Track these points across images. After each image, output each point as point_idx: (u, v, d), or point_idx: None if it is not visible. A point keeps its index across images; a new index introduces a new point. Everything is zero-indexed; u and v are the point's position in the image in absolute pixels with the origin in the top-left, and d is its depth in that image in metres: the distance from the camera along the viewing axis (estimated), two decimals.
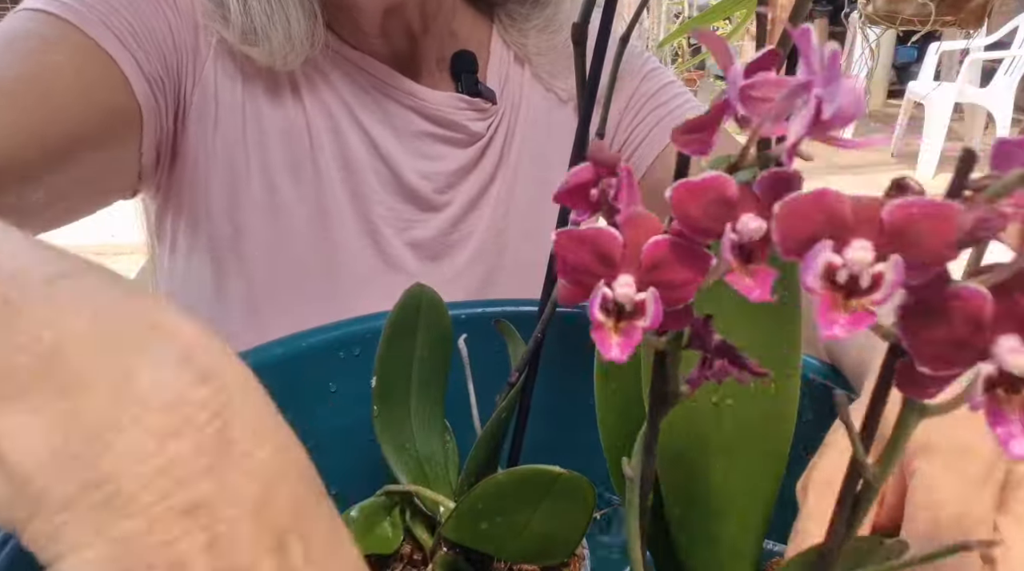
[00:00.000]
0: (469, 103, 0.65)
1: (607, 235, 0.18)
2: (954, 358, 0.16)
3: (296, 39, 0.57)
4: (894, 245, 0.16)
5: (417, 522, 0.40)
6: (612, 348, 0.18)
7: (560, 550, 0.37)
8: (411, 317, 0.40)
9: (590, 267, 0.18)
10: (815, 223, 0.16)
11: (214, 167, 0.61)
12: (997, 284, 0.16)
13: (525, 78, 0.69)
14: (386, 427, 0.40)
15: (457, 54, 0.66)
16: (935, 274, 0.16)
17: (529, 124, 0.68)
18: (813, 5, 0.20)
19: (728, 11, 0.38)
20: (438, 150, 0.65)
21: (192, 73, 0.59)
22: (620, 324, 0.18)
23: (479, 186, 0.66)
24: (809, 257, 0.16)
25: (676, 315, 0.19)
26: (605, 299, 0.18)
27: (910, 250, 0.16)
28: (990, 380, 0.16)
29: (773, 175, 0.17)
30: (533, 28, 0.67)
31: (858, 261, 0.16)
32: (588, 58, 0.33)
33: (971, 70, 4.24)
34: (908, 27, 1.77)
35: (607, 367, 0.37)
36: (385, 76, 0.63)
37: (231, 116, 0.60)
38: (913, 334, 0.16)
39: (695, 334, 0.22)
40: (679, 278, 0.18)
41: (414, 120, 0.64)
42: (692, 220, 0.17)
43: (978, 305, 0.16)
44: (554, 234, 0.18)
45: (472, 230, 0.66)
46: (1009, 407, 0.16)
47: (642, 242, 0.18)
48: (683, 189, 0.17)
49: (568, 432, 0.45)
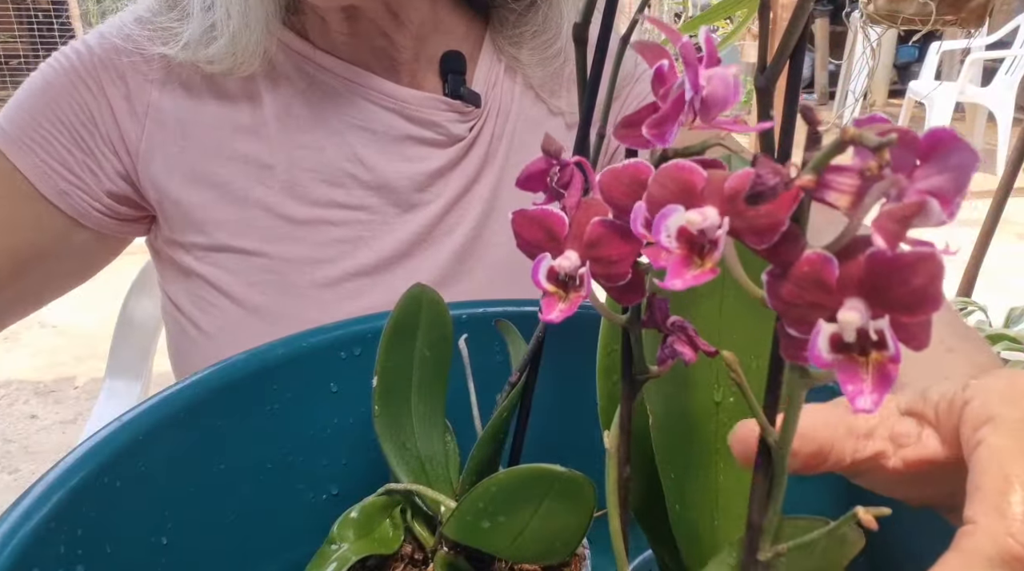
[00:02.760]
0: (449, 105, 0.64)
1: (553, 215, 0.21)
2: (812, 320, 0.17)
3: (256, 33, 0.57)
4: (731, 211, 0.18)
5: (418, 522, 0.40)
6: (554, 312, 0.20)
7: (561, 549, 0.37)
8: (412, 317, 0.40)
9: (541, 242, 0.21)
10: (670, 191, 0.19)
11: (184, 186, 0.61)
12: (841, 249, 0.17)
13: (517, 84, 0.69)
14: (387, 427, 0.40)
15: (447, 54, 0.65)
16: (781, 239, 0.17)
17: (518, 129, 0.68)
18: (814, 4, 0.20)
19: (729, 10, 0.38)
20: (418, 150, 0.64)
21: (131, 126, 0.60)
22: (569, 294, 0.21)
23: (461, 185, 0.65)
24: (659, 218, 0.18)
25: (626, 291, 0.21)
26: (551, 270, 0.21)
27: (742, 216, 0.18)
28: (837, 340, 0.17)
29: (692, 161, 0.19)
30: (525, 34, 0.67)
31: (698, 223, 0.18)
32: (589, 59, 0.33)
33: (972, 69, 4.24)
34: (909, 26, 1.76)
35: (609, 363, 0.37)
36: (360, 78, 0.62)
37: (193, 137, 0.61)
38: (777, 297, 0.18)
39: (649, 311, 0.24)
40: (614, 253, 0.20)
41: (392, 121, 0.63)
42: (615, 200, 0.20)
43: (822, 268, 0.17)
44: (511, 214, 0.21)
45: (453, 228, 0.65)
46: (861, 367, 0.17)
47: (586, 223, 0.21)
48: (609, 174, 0.20)
49: (569, 432, 0.45)
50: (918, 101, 4.19)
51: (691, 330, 0.24)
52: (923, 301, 0.16)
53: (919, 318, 0.16)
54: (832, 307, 0.17)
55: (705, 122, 0.19)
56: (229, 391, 0.42)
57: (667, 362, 0.24)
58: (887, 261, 0.16)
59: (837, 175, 0.17)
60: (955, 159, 0.16)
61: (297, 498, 0.45)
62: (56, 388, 2.48)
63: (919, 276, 0.16)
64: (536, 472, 0.32)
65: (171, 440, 0.39)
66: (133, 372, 1.03)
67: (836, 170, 0.17)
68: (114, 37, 0.60)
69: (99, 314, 2.85)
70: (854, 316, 0.17)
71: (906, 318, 0.16)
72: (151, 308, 1.03)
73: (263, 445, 0.43)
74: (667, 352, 0.24)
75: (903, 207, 0.16)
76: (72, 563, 0.33)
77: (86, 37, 0.61)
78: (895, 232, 0.16)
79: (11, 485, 2.00)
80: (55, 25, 5.64)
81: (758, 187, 0.17)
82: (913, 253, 0.16)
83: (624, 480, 0.28)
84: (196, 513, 0.40)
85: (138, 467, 0.37)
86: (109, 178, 0.60)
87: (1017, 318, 1.44)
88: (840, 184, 0.17)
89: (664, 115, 0.19)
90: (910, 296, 0.16)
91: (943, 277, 0.16)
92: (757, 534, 0.24)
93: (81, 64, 0.59)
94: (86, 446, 0.35)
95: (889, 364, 0.17)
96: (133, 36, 0.59)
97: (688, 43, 0.19)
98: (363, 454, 0.45)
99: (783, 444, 0.22)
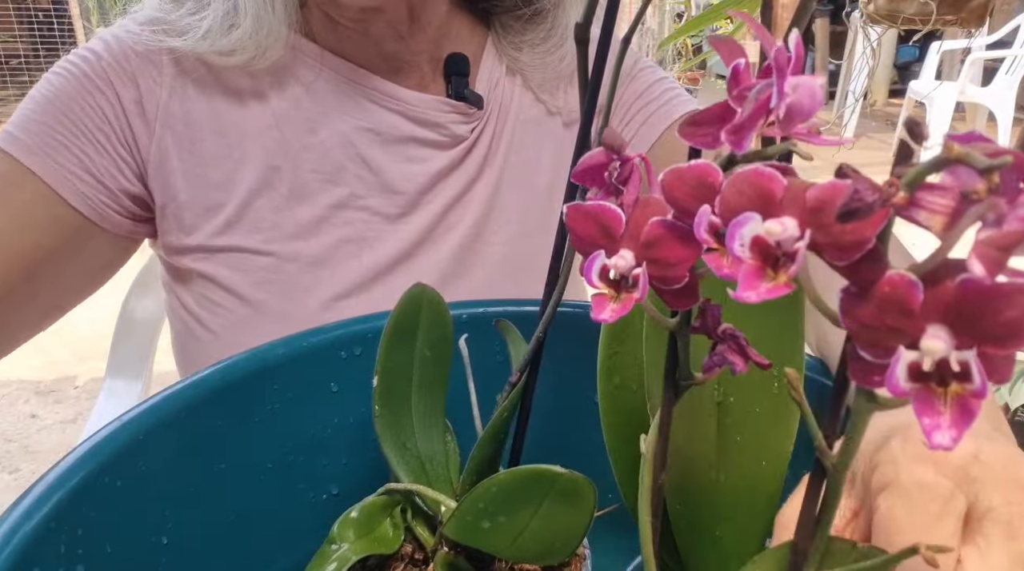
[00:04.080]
0: (453, 107, 0.65)
1: (610, 212, 0.20)
2: (891, 344, 0.16)
3: (279, 13, 0.58)
4: (813, 224, 0.17)
5: (418, 521, 0.40)
6: (606, 310, 0.20)
7: (561, 550, 0.37)
8: (412, 317, 0.40)
9: (595, 239, 0.20)
10: (747, 198, 0.17)
11: (191, 187, 0.61)
12: (928, 272, 0.16)
13: (516, 85, 0.69)
14: (387, 427, 0.40)
15: (451, 56, 0.66)
16: (863, 257, 0.16)
17: (517, 129, 0.68)
18: (814, 4, 0.20)
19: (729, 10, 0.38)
20: (421, 152, 0.65)
21: (142, 128, 0.60)
22: (620, 294, 0.20)
23: (462, 185, 0.66)
24: (734, 226, 0.17)
25: (679, 295, 0.20)
26: (604, 268, 0.20)
27: (824, 229, 0.17)
28: (916, 368, 0.16)
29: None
30: (527, 43, 0.68)
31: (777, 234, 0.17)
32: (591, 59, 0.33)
33: (972, 69, 4.24)
34: (909, 26, 1.76)
35: (610, 364, 0.37)
36: (365, 80, 0.63)
37: (202, 140, 0.61)
38: (852, 318, 0.17)
39: (701, 317, 0.23)
40: (672, 256, 0.19)
41: (397, 122, 0.64)
42: (678, 201, 0.19)
43: (906, 291, 0.16)
44: (565, 208, 0.20)
45: (453, 227, 0.66)
46: (939, 399, 0.16)
47: (644, 223, 0.20)
48: (672, 174, 0.19)
49: (570, 432, 0.45)
50: (918, 101, 4.19)
51: (743, 339, 0.23)
52: (1015, 334, 0.15)
53: (1006, 351, 0.16)
54: (912, 333, 0.16)
55: (784, 131, 0.18)
56: (229, 391, 0.42)
57: (714, 370, 0.23)
58: (982, 290, 0.15)
59: (930, 194, 0.16)
60: None
61: (297, 498, 0.45)
62: (56, 388, 2.48)
63: (1014, 308, 0.15)
64: (536, 472, 0.32)
65: (171, 440, 0.39)
66: (133, 372, 1.03)
67: (929, 189, 0.16)
68: (122, 41, 0.60)
69: (99, 314, 2.85)
70: (939, 345, 0.16)
71: (992, 350, 0.16)
72: (151, 307, 1.03)
73: (263, 445, 0.43)
74: (716, 360, 0.23)
75: (1008, 234, 0.15)
76: (72, 563, 0.33)
77: (92, 43, 0.61)
78: (996, 259, 0.15)
79: (11, 485, 2.00)
80: (55, 25, 5.63)
81: (854, 203, 0.16)
82: (1011, 284, 0.15)
83: (659, 486, 0.27)
84: (196, 513, 0.40)
85: (138, 467, 0.37)
86: (126, 178, 0.60)
87: None
88: (933, 204, 0.16)
89: (744, 121, 0.18)
90: (1001, 328, 0.15)
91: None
92: (802, 559, 0.23)
93: (91, 69, 0.59)
94: (86, 446, 0.35)
95: (972, 398, 0.16)
96: (142, 38, 0.60)
97: (782, 48, 0.18)
98: (363, 454, 0.45)
99: (841, 468, 0.21)
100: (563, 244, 0.36)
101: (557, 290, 0.36)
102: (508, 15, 0.69)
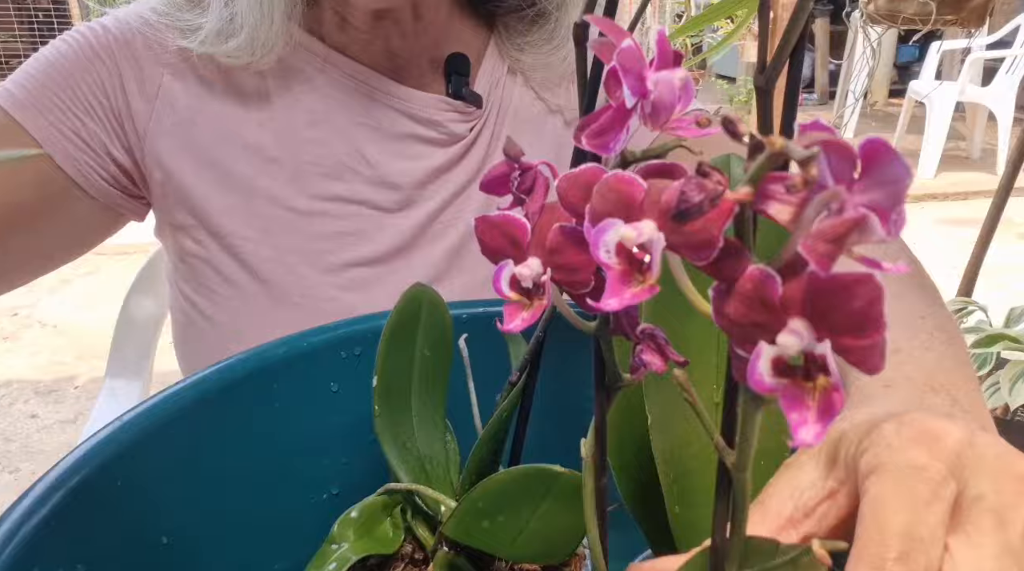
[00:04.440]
0: (451, 105, 0.66)
1: (515, 221, 0.20)
2: (757, 340, 0.16)
3: (277, 25, 0.58)
4: (669, 226, 0.17)
5: (418, 521, 0.40)
6: (515, 321, 0.19)
7: (561, 549, 0.37)
8: (412, 317, 0.40)
9: (504, 249, 0.20)
10: (611, 203, 0.18)
11: (190, 171, 0.62)
12: (783, 266, 0.16)
13: (517, 85, 0.70)
14: (387, 426, 0.40)
15: (452, 56, 0.67)
16: (723, 254, 0.16)
17: (516, 128, 0.69)
18: (814, 4, 0.20)
19: (729, 10, 0.38)
20: (420, 149, 0.66)
21: (141, 106, 0.61)
22: (533, 302, 0.20)
23: (460, 183, 0.67)
24: (597, 233, 0.17)
25: (591, 298, 0.20)
26: (512, 278, 0.20)
27: (677, 231, 0.17)
28: (781, 363, 0.16)
29: (649, 167, 0.18)
30: (530, 44, 0.68)
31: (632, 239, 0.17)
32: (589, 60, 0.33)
33: (972, 69, 4.24)
34: (909, 26, 1.76)
35: None
36: (367, 78, 0.64)
37: (202, 124, 0.62)
38: (721, 315, 0.17)
39: (617, 319, 0.23)
40: (575, 261, 0.19)
41: (396, 120, 0.65)
42: (574, 206, 0.19)
43: (763, 286, 0.16)
44: (473, 220, 0.20)
45: (450, 225, 0.67)
46: (807, 394, 0.16)
47: (549, 229, 0.20)
48: (566, 179, 0.19)
49: (569, 432, 0.45)
50: (918, 101, 4.19)
51: (661, 338, 0.22)
52: (865, 324, 0.15)
53: (866, 341, 0.15)
54: (776, 328, 0.16)
55: (656, 127, 0.18)
56: (229, 391, 0.42)
57: (640, 370, 0.23)
58: (823, 283, 0.15)
59: (777, 186, 0.16)
60: (890, 172, 0.15)
61: (297, 498, 0.45)
62: (56, 388, 2.48)
63: (857, 298, 0.15)
64: (536, 472, 0.32)
65: (171, 440, 0.39)
66: (133, 372, 1.03)
67: (776, 180, 0.16)
68: (131, 20, 0.61)
69: (99, 314, 2.85)
70: (793, 340, 0.16)
71: (852, 341, 0.15)
72: (151, 308, 1.03)
73: (263, 445, 0.43)
74: (637, 361, 0.23)
75: (836, 224, 0.15)
76: (72, 562, 0.33)
77: (102, 19, 0.63)
78: (828, 252, 0.15)
79: (11, 485, 2.01)
80: (55, 25, 5.64)
81: (683, 204, 0.16)
82: (850, 274, 0.15)
83: (601, 489, 0.27)
84: (196, 513, 0.40)
85: (138, 467, 0.37)
86: (115, 147, 0.61)
87: (1017, 318, 1.44)
88: (781, 196, 0.16)
89: (606, 124, 0.18)
90: (851, 318, 0.15)
91: (883, 299, 0.15)
92: (721, 559, 0.23)
93: (97, 42, 0.60)
94: (86, 446, 0.35)
95: (833, 392, 0.16)
96: (151, 22, 0.61)
97: (627, 48, 0.18)
98: (363, 454, 0.45)
99: (740, 467, 0.21)
100: None
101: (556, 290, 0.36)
102: (511, 16, 0.69)
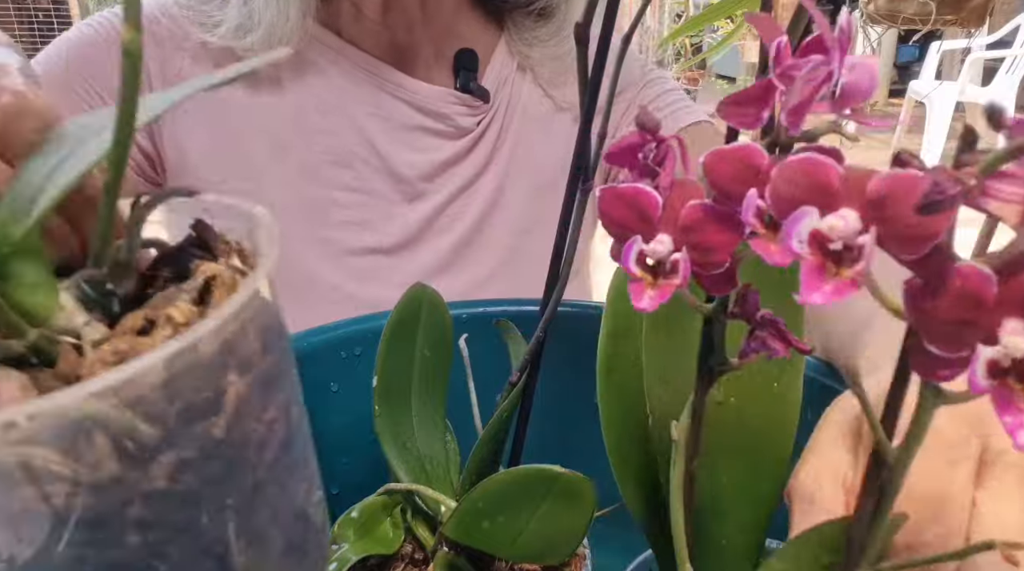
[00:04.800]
0: (460, 99, 0.66)
1: (646, 195, 0.19)
2: (961, 338, 0.16)
3: (292, 22, 0.59)
4: (876, 216, 0.16)
5: (418, 521, 0.40)
6: (644, 298, 0.18)
7: (561, 549, 0.37)
8: (412, 317, 0.40)
9: (631, 223, 0.19)
10: (802, 188, 0.16)
11: (203, 154, 0.63)
12: (1001, 264, 0.15)
13: (526, 82, 0.70)
14: (387, 426, 0.40)
15: (461, 51, 0.67)
16: (931, 249, 0.15)
17: (525, 125, 0.70)
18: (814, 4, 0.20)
19: (729, 10, 0.38)
20: (427, 141, 0.66)
21: (160, 86, 0.61)
22: (658, 280, 0.19)
23: (467, 177, 0.67)
24: (792, 221, 0.16)
25: (718, 280, 0.19)
26: (641, 254, 0.19)
27: (890, 222, 0.16)
28: (994, 364, 0.15)
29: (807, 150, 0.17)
30: (538, 39, 0.69)
31: (839, 229, 0.16)
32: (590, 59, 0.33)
33: (972, 69, 4.24)
34: (909, 26, 1.77)
35: (609, 364, 0.37)
36: (378, 70, 0.65)
37: (218, 107, 0.63)
38: (919, 312, 0.16)
39: (739, 303, 0.22)
40: (713, 241, 0.18)
41: (405, 112, 0.65)
42: (720, 184, 0.18)
43: (979, 284, 0.15)
44: (598, 190, 0.19)
45: (456, 218, 0.67)
46: (1017, 396, 0.15)
47: (681, 206, 0.19)
48: (715, 155, 0.18)
49: (570, 432, 0.45)
50: (918, 101, 4.19)
51: (782, 324, 0.22)
52: None
53: None
54: (986, 327, 0.15)
55: (836, 112, 0.18)
56: None
57: (751, 356, 0.22)
58: None
59: (1000, 182, 0.15)
60: None
61: None
62: None
63: None
64: (536, 472, 0.32)
65: None
66: None
67: (1000, 177, 0.15)
68: (155, 10, 0.62)
69: None
70: (1021, 341, 0.15)
71: None
72: None
73: None
74: (755, 345, 0.22)
75: None
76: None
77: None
78: None
79: None
80: (55, 25, 5.63)
81: (935, 196, 0.15)
82: None
83: (691, 473, 0.27)
84: None
85: None
86: (137, 132, 0.61)
87: None
88: (1004, 193, 0.15)
89: (803, 101, 0.17)
90: None
91: None
92: (858, 552, 0.22)
93: (117, 28, 0.61)
94: None
95: None
96: (173, 14, 0.62)
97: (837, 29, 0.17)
98: (363, 454, 0.45)
99: (902, 464, 0.20)
100: (563, 243, 0.36)
101: (557, 290, 0.36)
102: (519, 12, 0.70)
